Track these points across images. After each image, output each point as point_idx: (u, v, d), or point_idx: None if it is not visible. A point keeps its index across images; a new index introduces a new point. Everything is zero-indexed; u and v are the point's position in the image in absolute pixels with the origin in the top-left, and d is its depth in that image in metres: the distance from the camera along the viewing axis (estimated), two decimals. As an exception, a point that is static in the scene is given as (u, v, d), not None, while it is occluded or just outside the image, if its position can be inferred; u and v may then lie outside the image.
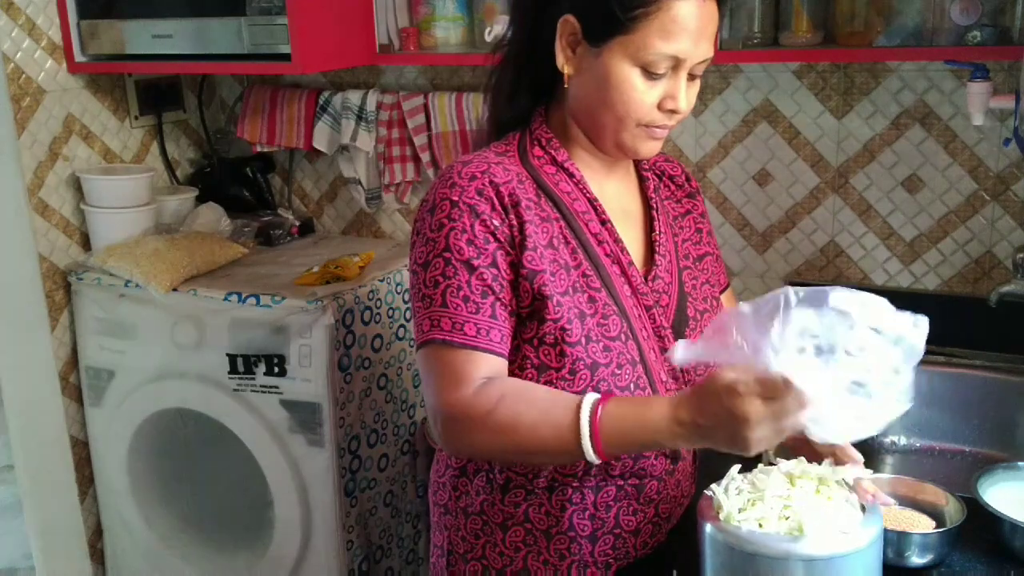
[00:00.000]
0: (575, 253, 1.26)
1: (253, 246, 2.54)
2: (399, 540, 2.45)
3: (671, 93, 1.23)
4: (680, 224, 1.42)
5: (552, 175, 1.29)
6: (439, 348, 1.20)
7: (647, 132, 1.25)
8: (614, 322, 1.25)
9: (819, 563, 1.04)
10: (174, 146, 2.71)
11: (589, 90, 1.25)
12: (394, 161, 2.45)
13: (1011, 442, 1.79)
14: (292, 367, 2.18)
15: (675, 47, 1.19)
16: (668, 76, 1.22)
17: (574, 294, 1.24)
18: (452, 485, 1.38)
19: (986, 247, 2.01)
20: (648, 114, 1.23)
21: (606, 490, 1.29)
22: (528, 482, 1.29)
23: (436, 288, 1.20)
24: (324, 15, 2.15)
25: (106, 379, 2.42)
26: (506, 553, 1.32)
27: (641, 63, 1.20)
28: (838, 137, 2.08)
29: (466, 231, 1.20)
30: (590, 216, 1.29)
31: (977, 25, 1.76)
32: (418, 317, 1.23)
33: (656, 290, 1.31)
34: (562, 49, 1.25)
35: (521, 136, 1.32)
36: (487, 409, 1.16)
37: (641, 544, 1.32)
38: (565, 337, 1.21)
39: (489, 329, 1.20)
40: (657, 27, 1.18)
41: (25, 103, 2.30)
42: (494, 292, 1.21)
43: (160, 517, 2.50)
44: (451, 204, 1.21)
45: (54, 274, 2.41)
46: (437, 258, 1.21)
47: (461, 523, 1.36)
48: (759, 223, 2.20)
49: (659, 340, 1.30)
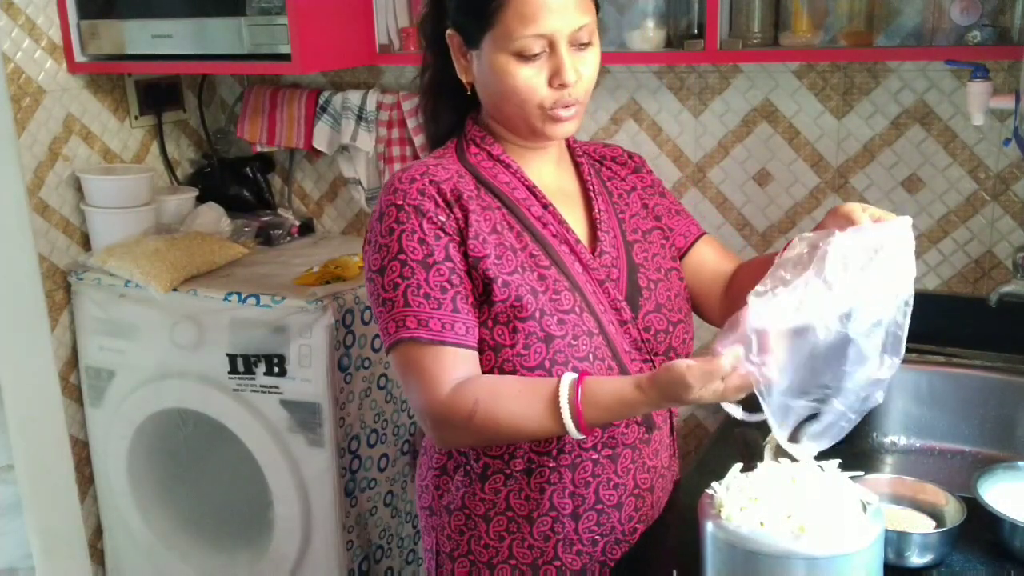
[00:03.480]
0: (520, 236, 1.31)
1: (253, 246, 2.54)
2: (399, 540, 2.45)
3: (556, 69, 1.25)
4: (626, 201, 1.45)
5: (490, 169, 1.34)
6: (408, 347, 1.25)
7: (550, 114, 1.28)
8: (566, 297, 1.29)
9: (821, 562, 1.04)
10: (174, 146, 2.71)
11: (487, 90, 1.31)
12: (394, 161, 2.45)
13: (1011, 442, 1.79)
14: (292, 367, 2.18)
15: (538, 27, 1.23)
16: (548, 54, 1.25)
17: (523, 272, 1.28)
18: (434, 485, 1.41)
19: (986, 247, 2.01)
20: (541, 96, 1.26)
21: (582, 466, 1.32)
22: (505, 465, 1.33)
23: (396, 290, 1.25)
24: (324, 15, 2.15)
25: (106, 379, 2.42)
26: (491, 545, 1.35)
27: (513, 51, 1.25)
28: (838, 137, 2.08)
29: (416, 231, 1.25)
30: (531, 201, 1.34)
31: (977, 25, 1.77)
32: (382, 322, 1.27)
33: (605, 264, 1.35)
34: (457, 61, 1.33)
35: (457, 140, 1.38)
36: (466, 414, 1.21)
37: (626, 518, 1.35)
38: (516, 314, 1.25)
39: (453, 323, 1.24)
40: (514, 13, 1.23)
41: (25, 103, 2.30)
42: (453, 285, 1.25)
43: (160, 517, 2.50)
44: (397, 208, 1.26)
45: (54, 274, 2.41)
46: (392, 262, 1.25)
47: (445, 522, 1.39)
48: (759, 223, 2.20)
49: (616, 312, 1.34)
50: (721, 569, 1.10)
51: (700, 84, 2.17)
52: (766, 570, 1.05)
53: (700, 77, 2.17)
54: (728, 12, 1.95)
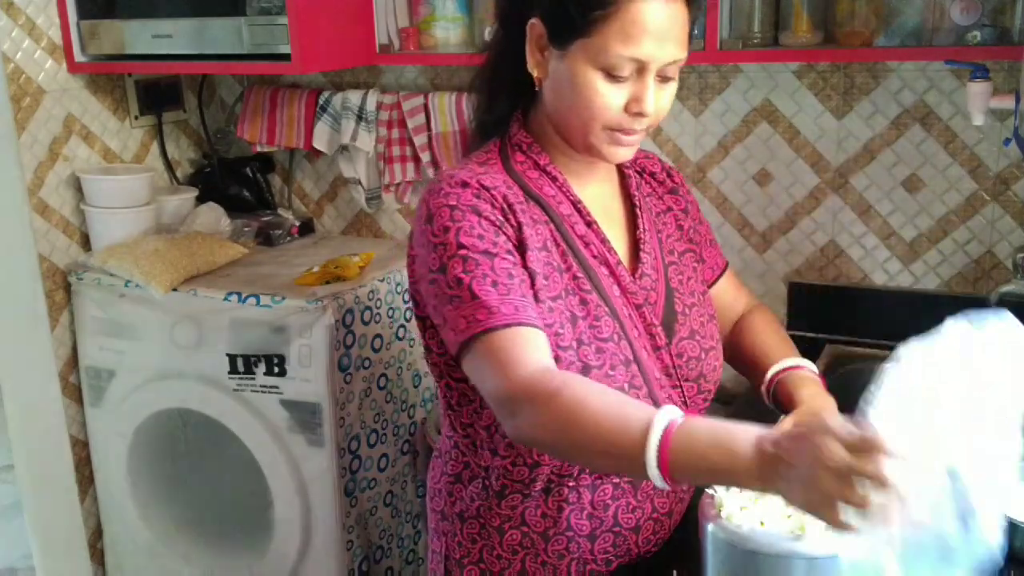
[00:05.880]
0: (565, 256, 1.25)
1: (253, 246, 2.54)
2: (399, 540, 2.45)
3: (637, 96, 1.20)
4: (663, 220, 1.41)
5: (535, 180, 1.29)
6: (484, 339, 1.14)
7: (614, 137, 1.23)
8: (606, 323, 1.24)
9: (821, 562, 1.04)
10: (174, 146, 2.71)
11: (557, 93, 1.24)
12: (394, 161, 2.45)
13: (1011, 442, 1.79)
14: (292, 367, 2.18)
15: (636, 50, 1.17)
16: (634, 78, 1.20)
17: (566, 297, 1.23)
18: (447, 491, 1.37)
19: (986, 247, 2.01)
20: (613, 118, 1.21)
21: (602, 488, 1.28)
22: (525, 487, 1.29)
23: (461, 286, 1.16)
24: (324, 15, 2.15)
25: (106, 379, 2.42)
26: (503, 556, 1.32)
27: (602, 66, 1.18)
28: (838, 137, 2.08)
29: (474, 227, 1.19)
30: (575, 219, 1.28)
31: (977, 25, 1.77)
32: (451, 322, 1.17)
33: (644, 288, 1.31)
34: (531, 53, 1.25)
35: (501, 143, 1.32)
36: (552, 390, 1.08)
37: (644, 541, 1.32)
38: (557, 341, 1.19)
39: (525, 307, 1.16)
40: (616, 29, 1.16)
41: (25, 103, 2.30)
42: (517, 275, 1.18)
43: (160, 517, 2.50)
44: (451, 209, 1.20)
45: (54, 274, 2.41)
46: (453, 259, 1.17)
47: (457, 528, 1.36)
48: (759, 223, 2.20)
49: (650, 338, 1.29)
50: (721, 569, 1.10)
51: (700, 84, 2.17)
52: (766, 570, 1.05)
53: (700, 77, 2.17)
54: (728, 12, 1.95)
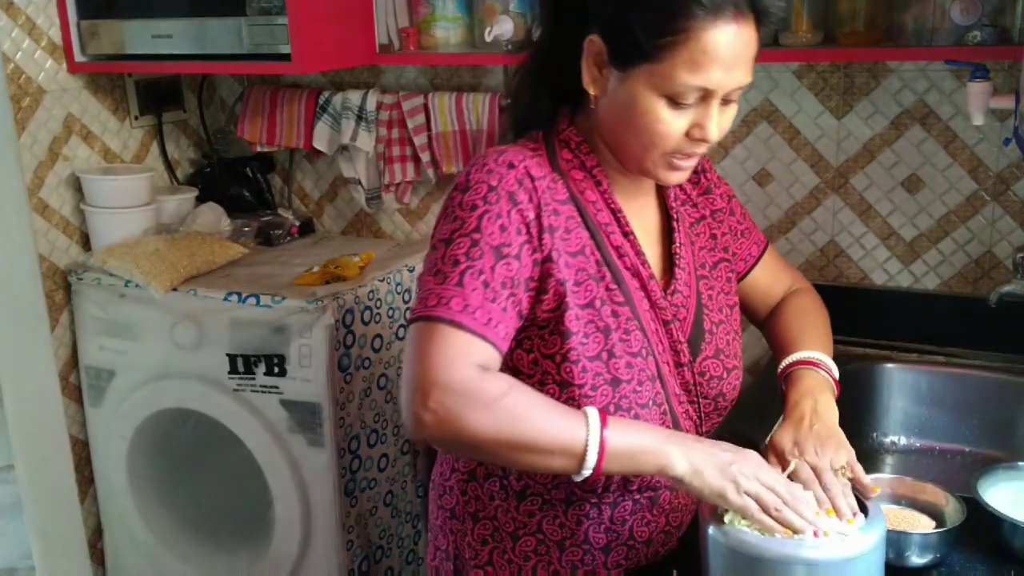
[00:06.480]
0: (600, 265, 1.23)
1: (253, 246, 2.54)
2: (399, 540, 2.45)
3: (700, 122, 1.17)
4: (697, 231, 1.38)
5: (579, 182, 1.25)
6: (444, 328, 1.11)
7: (671, 162, 1.20)
8: (636, 337, 1.22)
9: (821, 566, 1.05)
10: (174, 146, 2.71)
11: (615, 113, 1.20)
12: (394, 161, 2.45)
13: (1011, 442, 1.79)
14: (292, 367, 2.18)
15: (704, 79, 1.13)
16: (697, 104, 1.16)
17: (600, 307, 1.21)
18: (460, 490, 1.35)
19: (986, 247, 2.01)
20: (675, 144, 1.18)
21: (623, 504, 1.28)
22: (546, 491, 1.27)
23: (456, 267, 1.13)
24: (324, 15, 2.15)
25: (106, 379, 2.42)
26: (515, 561, 1.31)
27: (667, 93, 1.14)
28: (838, 137, 2.08)
29: (501, 216, 1.15)
30: (612, 228, 1.25)
31: (977, 25, 1.76)
32: (424, 290, 1.15)
33: (675, 304, 1.29)
34: (588, 69, 1.20)
35: (547, 137, 1.27)
36: (496, 394, 1.09)
37: (653, 553, 1.33)
38: (586, 352, 1.19)
39: (499, 322, 1.13)
40: (685, 58, 1.12)
41: (25, 103, 2.30)
42: (513, 286, 1.15)
43: (160, 517, 2.50)
44: (488, 188, 1.16)
45: (54, 274, 2.40)
46: (463, 237, 1.14)
47: (469, 528, 1.34)
48: (759, 223, 2.18)
49: (674, 355, 1.28)
50: (723, 573, 1.10)
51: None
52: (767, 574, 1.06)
53: (700, 77, 2.17)
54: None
